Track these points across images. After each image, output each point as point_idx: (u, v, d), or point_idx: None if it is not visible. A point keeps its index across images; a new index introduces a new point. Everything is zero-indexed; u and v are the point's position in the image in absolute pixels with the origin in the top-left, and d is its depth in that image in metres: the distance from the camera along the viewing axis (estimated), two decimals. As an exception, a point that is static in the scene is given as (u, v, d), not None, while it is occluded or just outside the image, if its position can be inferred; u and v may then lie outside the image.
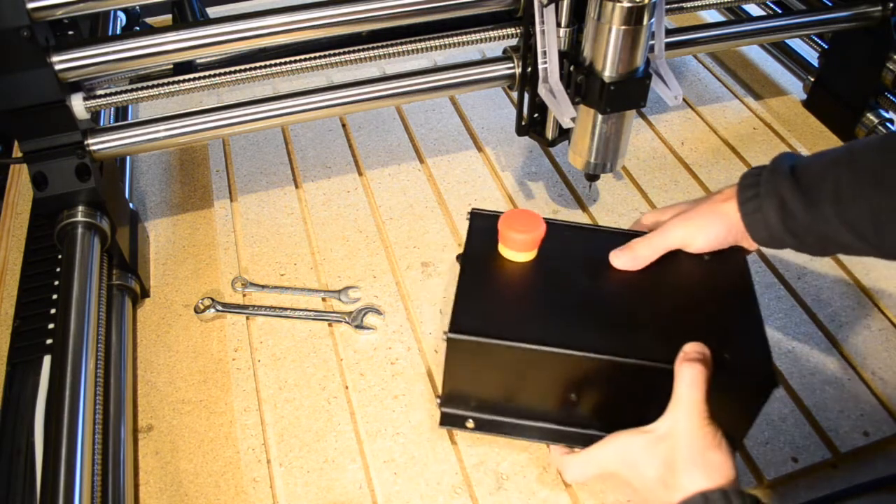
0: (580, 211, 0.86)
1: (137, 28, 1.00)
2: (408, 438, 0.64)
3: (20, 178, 0.93)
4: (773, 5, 1.03)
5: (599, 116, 0.68)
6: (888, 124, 0.93)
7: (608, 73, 0.65)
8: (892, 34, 0.88)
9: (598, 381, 0.56)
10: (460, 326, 0.55)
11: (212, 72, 0.72)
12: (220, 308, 0.75)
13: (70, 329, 0.61)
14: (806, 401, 0.67)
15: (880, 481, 0.62)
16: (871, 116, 0.94)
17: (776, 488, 0.62)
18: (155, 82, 0.71)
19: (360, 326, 0.73)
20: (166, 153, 0.98)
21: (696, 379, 0.49)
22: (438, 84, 0.77)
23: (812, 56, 1.04)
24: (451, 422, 0.61)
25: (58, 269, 0.73)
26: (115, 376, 0.67)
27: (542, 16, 0.67)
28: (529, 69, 0.75)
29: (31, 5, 0.61)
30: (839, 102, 0.97)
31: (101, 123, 0.83)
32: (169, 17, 1.03)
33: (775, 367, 0.68)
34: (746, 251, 0.60)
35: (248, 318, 0.74)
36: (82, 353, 0.60)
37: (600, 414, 0.58)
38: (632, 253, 0.59)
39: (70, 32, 0.85)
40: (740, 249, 0.60)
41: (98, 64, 0.66)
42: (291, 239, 0.83)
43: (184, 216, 0.89)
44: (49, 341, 0.67)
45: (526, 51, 0.74)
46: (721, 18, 1.15)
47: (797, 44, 1.08)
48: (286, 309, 0.75)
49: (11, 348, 0.68)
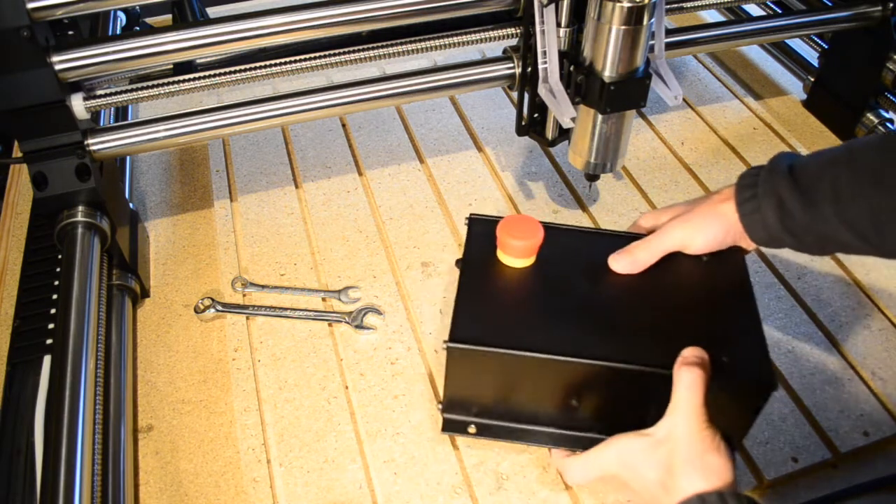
0: (580, 211, 0.86)
1: (137, 28, 1.00)
2: (408, 438, 0.64)
3: (20, 178, 0.93)
4: (773, 5, 1.03)
5: (599, 116, 0.68)
6: (888, 124, 0.93)
7: (608, 73, 0.65)
8: (892, 34, 0.88)
9: (598, 386, 0.56)
10: (460, 335, 0.55)
11: (212, 72, 0.72)
12: (220, 308, 0.75)
13: (70, 329, 0.61)
14: (806, 401, 0.67)
15: (880, 481, 0.62)
16: (871, 116, 0.94)
17: (776, 488, 0.62)
18: (155, 82, 0.71)
19: (360, 326, 0.73)
20: (166, 153, 0.98)
21: (695, 383, 0.49)
22: (438, 84, 0.77)
23: (812, 56, 1.04)
24: (453, 427, 0.61)
25: (58, 269, 0.73)
26: (115, 376, 0.67)
27: (542, 16, 0.67)
28: (529, 69, 0.75)
29: (31, 5, 0.61)
30: (839, 102, 0.97)
31: (101, 123, 0.83)
32: (169, 17, 1.03)
33: (775, 368, 0.69)
34: (745, 251, 0.60)
35: (248, 318, 0.74)
36: (82, 353, 0.60)
37: (601, 418, 0.58)
38: (630, 257, 0.59)
39: (70, 32, 0.85)
40: (739, 250, 0.60)
41: (98, 64, 0.66)
42: (291, 239, 0.83)
43: (184, 216, 0.89)
44: (49, 341, 0.67)
45: (526, 51, 0.74)
46: (721, 18, 1.15)
47: (797, 44, 1.08)
48: (286, 309, 0.75)
49: (11, 348, 0.68)
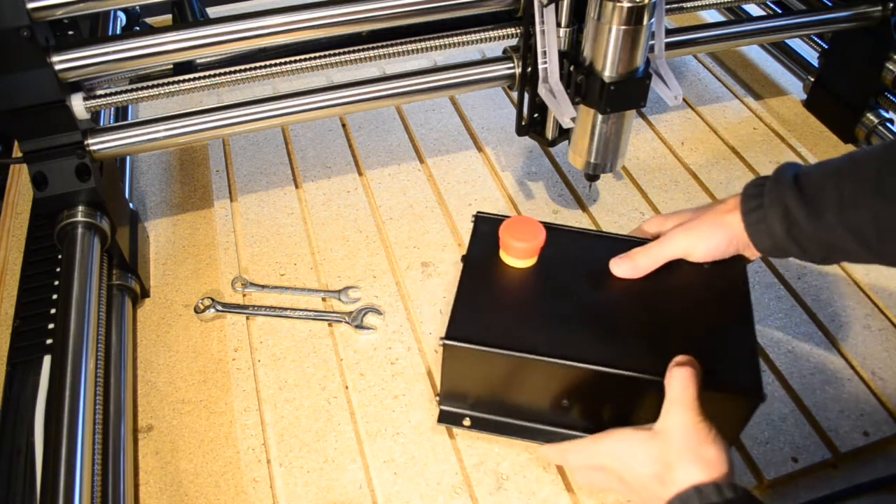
0: (580, 211, 0.86)
1: (137, 28, 1.00)
2: (408, 438, 0.64)
3: (20, 178, 0.93)
4: (773, 5, 1.03)
5: (599, 116, 0.68)
6: (888, 124, 0.93)
7: (608, 73, 0.65)
8: (892, 34, 0.88)
9: (591, 388, 0.57)
10: (456, 333, 0.56)
11: (212, 72, 0.72)
12: (220, 308, 0.75)
13: (70, 329, 0.61)
14: (806, 401, 0.67)
15: (880, 481, 0.62)
16: (871, 116, 0.94)
17: (776, 488, 0.62)
18: (155, 82, 0.71)
19: (360, 326, 0.73)
20: (166, 153, 0.98)
21: (688, 380, 0.50)
22: (438, 84, 0.77)
23: (812, 56, 1.04)
24: (448, 419, 0.63)
25: (58, 269, 0.73)
26: (115, 376, 0.67)
27: (542, 16, 0.67)
28: (529, 69, 0.75)
29: (31, 5, 0.61)
30: (839, 102, 0.97)
31: (101, 123, 0.83)
32: (169, 17, 1.03)
33: (775, 369, 0.69)
34: (747, 260, 0.60)
35: (248, 318, 0.74)
36: (82, 353, 0.60)
37: (592, 418, 0.59)
38: (632, 262, 0.59)
39: (70, 32, 0.85)
40: (740, 259, 0.60)
41: (98, 64, 0.66)
42: (291, 239, 0.83)
43: (184, 216, 0.89)
44: (49, 341, 0.67)
45: (526, 51, 0.74)
46: (721, 18, 1.15)
47: (797, 44, 1.08)
48: (286, 309, 0.75)
49: (11, 348, 0.68)
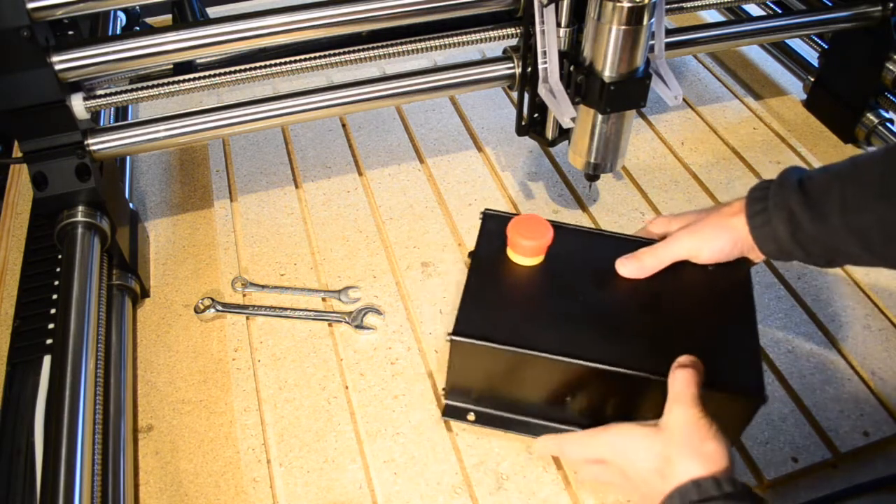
0: (580, 211, 0.86)
1: (137, 28, 1.00)
2: (408, 438, 0.64)
3: (20, 178, 0.93)
4: (773, 5, 1.03)
5: (599, 116, 0.68)
6: (888, 124, 0.93)
7: (608, 73, 0.65)
8: (892, 34, 0.88)
9: (595, 386, 0.57)
10: (463, 329, 0.57)
11: (212, 72, 0.72)
12: (220, 308, 0.75)
13: (70, 329, 0.61)
14: (806, 401, 0.67)
15: (880, 481, 0.62)
16: (871, 116, 0.94)
17: (776, 488, 0.62)
18: (155, 82, 0.71)
19: (360, 326, 0.73)
20: (166, 153, 0.98)
21: (690, 379, 0.51)
22: (438, 84, 0.77)
23: (812, 56, 1.04)
24: (453, 413, 0.64)
25: (58, 269, 0.73)
26: (115, 376, 0.67)
27: (542, 16, 0.67)
28: (529, 69, 0.75)
29: (31, 5, 0.61)
30: (839, 102, 0.97)
31: (101, 123, 0.83)
32: (169, 17, 1.03)
33: (775, 369, 0.69)
34: (751, 263, 0.61)
35: (248, 318, 0.74)
36: (82, 353, 0.60)
37: (596, 414, 0.59)
38: (638, 262, 0.60)
39: (70, 32, 0.85)
40: (745, 261, 0.60)
41: (98, 64, 0.66)
42: (291, 239, 0.83)
43: (184, 216, 0.89)
44: (49, 341, 0.67)
45: (526, 51, 0.74)
46: (721, 18, 1.15)
47: (797, 44, 1.08)
48: (286, 309, 0.75)
49: (11, 348, 0.68)
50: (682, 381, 0.51)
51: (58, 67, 0.64)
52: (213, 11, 1.02)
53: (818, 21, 0.89)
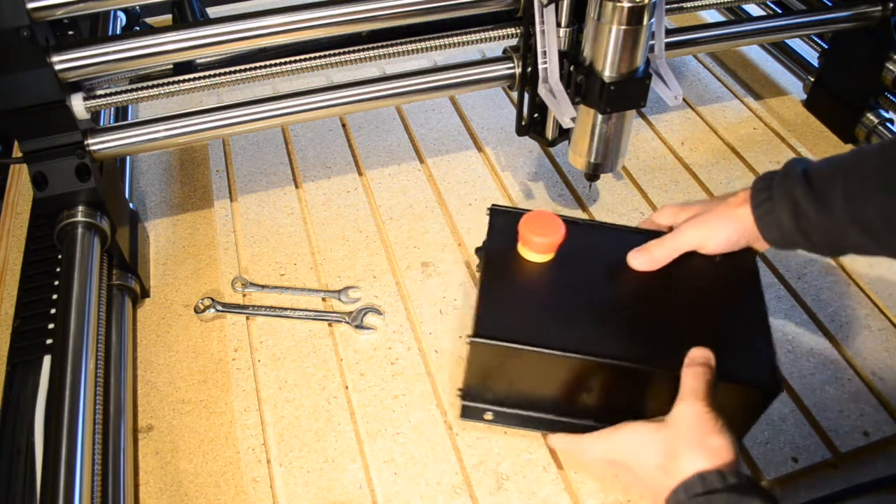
0: (580, 211, 0.86)
1: (137, 28, 1.00)
2: (408, 438, 0.64)
3: (20, 178, 0.93)
4: (773, 5, 1.03)
5: (599, 116, 0.68)
6: (888, 124, 0.93)
7: (608, 73, 0.65)
8: (892, 34, 0.88)
9: (613, 381, 0.57)
10: (484, 331, 0.56)
11: (212, 72, 0.72)
12: (220, 308, 0.75)
13: (70, 329, 0.61)
14: (806, 401, 0.67)
15: (880, 481, 0.62)
16: (871, 116, 0.94)
17: (776, 488, 0.62)
18: (155, 82, 0.71)
19: (360, 326, 0.73)
20: (166, 153, 0.98)
21: (700, 375, 0.51)
22: (438, 84, 0.77)
23: (812, 56, 1.04)
24: (471, 414, 0.63)
25: (58, 269, 0.73)
26: (115, 376, 0.67)
27: (542, 16, 0.67)
28: (529, 69, 0.75)
29: (31, 5, 0.61)
30: (839, 102, 0.97)
31: (101, 123, 0.83)
32: (169, 17, 1.03)
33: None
34: (756, 252, 0.61)
35: (248, 318, 0.74)
36: (82, 353, 0.60)
37: (614, 409, 0.59)
38: (648, 255, 0.60)
39: (70, 32, 0.85)
40: (750, 251, 0.61)
41: (98, 64, 0.66)
42: (291, 239, 0.83)
43: (184, 216, 0.89)
44: (49, 341, 0.67)
45: (526, 51, 0.74)
46: (721, 18, 1.15)
47: (797, 44, 1.08)
48: (286, 309, 0.75)
49: (11, 348, 0.68)
50: (692, 376, 0.52)
51: (58, 67, 0.64)
52: (213, 11, 1.02)
53: (818, 21, 0.89)
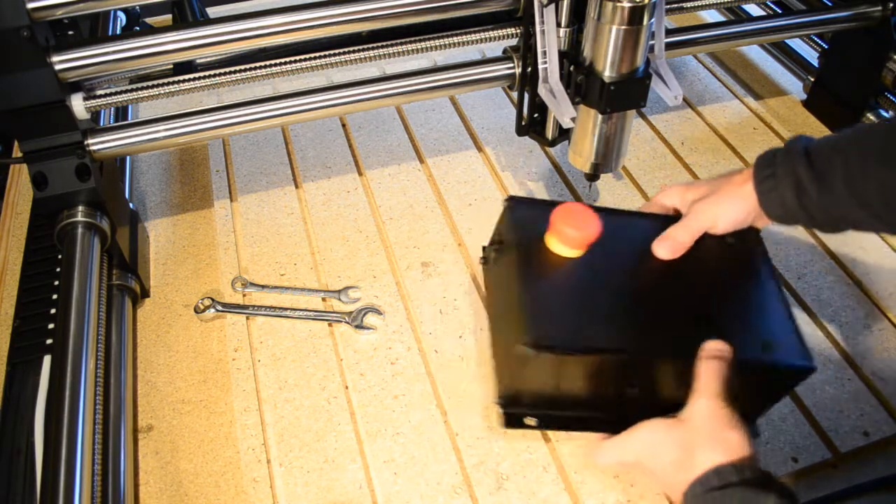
0: (580, 211, 0.86)
1: (137, 28, 1.00)
2: (408, 438, 0.64)
3: (20, 178, 0.93)
4: (773, 5, 1.03)
5: (599, 116, 0.68)
6: (888, 124, 0.93)
7: (608, 73, 0.65)
8: (892, 34, 0.88)
9: (661, 375, 0.57)
10: (540, 341, 0.53)
11: (212, 72, 0.72)
12: (220, 308, 0.75)
13: (70, 329, 0.61)
14: (806, 401, 0.67)
15: (880, 481, 0.62)
16: (870, 116, 0.94)
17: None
18: (155, 82, 0.71)
19: (360, 326, 0.73)
20: (166, 153, 0.98)
21: (715, 370, 0.52)
22: (438, 84, 0.77)
23: (812, 56, 1.04)
24: (513, 422, 0.60)
25: (58, 269, 0.73)
26: (115, 376, 0.67)
27: (542, 16, 0.67)
28: (529, 69, 0.75)
29: (31, 5, 0.61)
30: (839, 102, 0.97)
31: (101, 123, 0.83)
32: (169, 17, 1.03)
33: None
34: (757, 230, 0.62)
35: (248, 318, 0.74)
36: (82, 353, 0.60)
37: (655, 404, 0.58)
38: (673, 242, 0.60)
39: (70, 32, 0.85)
40: (753, 230, 0.61)
41: (98, 64, 0.66)
42: (291, 239, 0.83)
43: (184, 216, 0.89)
44: (49, 341, 0.67)
45: (526, 51, 0.74)
46: (721, 18, 1.15)
47: (797, 44, 1.08)
48: (286, 309, 0.75)
49: (11, 348, 0.68)
50: (707, 373, 0.52)
51: (58, 67, 0.64)
52: (213, 11, 1.02)
53: (818, 21, 0.89)
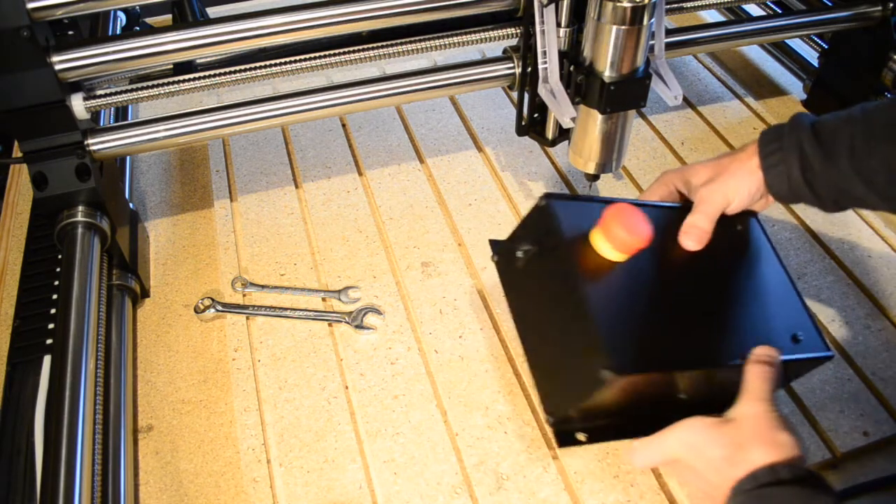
0: (580, 211, 0.86)
1: (137, 28, 1.00)
2: (408, 438, 0.64)
3: (20, 178, 0.93)
4: (773, 5, 1.03)
5: (600, 116, 0.68)
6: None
7: (608, 73, 0.65)
8: (892, 34, 0.88)
9: (707, 380, 0.57)
10: (626, 365, 0.50)
11: (212, 72, 0.72)
12: (220, 308, 0.75)
13: (70, 329, 0.61)
14: (806, 401, 0.67)
15: (880, 481, 0.62)
16: (871, 116, 0.94)
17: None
18: (155, 82, 0.71)
19: (360, 326, 0.73)
20: (166, 153, 0.98)
21: (766, 375, 0.52)
22: (438, 84, 0.77)
23: (812, 56, 1.04)
24: (566, 441, 0.56)
25: (58, 269, 0.73)
26: (115, 376, 0.67)
27: (542, 16, 0.67)
28: (529, 69, 0.75)
29: (31, 5, 0.61)
30: (839, 102, 0.97)
31: (101, 123, 0.83)
32: (169, 17, 1.03)
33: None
34: (753, 213, 0.62)
35: (248, 318, 0.74)
36: (82, 353, 0.60)
37: (699, 405, 0.56)
38: (698, 231, 0.59)
39: (70, 32, 0.85)
40: (749, 213, 0.61)
41: (98, 64, 0.66)
42: (291, 239, 0.83)
43: (184, 216, 0.89)
44: (49, 341, 0.68)
45: (526, 51, 0.74)
46: (721, 18, 1.15)
47: (797, 44, 1.08)
48: (286, 309, 0.75)
49: (11, 348, 0.68)
50: (757, 378, 0.52)
51: (58, 67, 0.64)
52: (213, 11, 1.02)
53: (818, 21, 0.89)
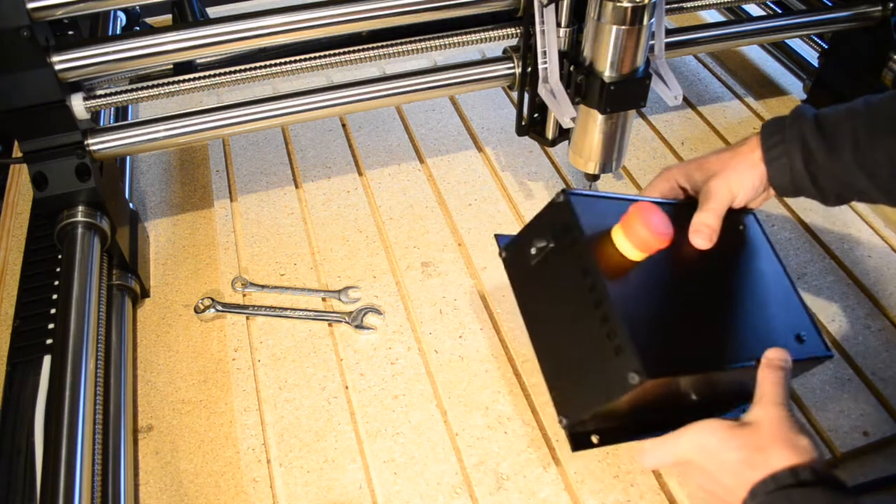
0: (580, 211, 0.86)
1: (137, 28, 1.00)
2: (408, 438, 0.64)
3: (20, 178, 0.93)
4: (773, 5, 1.03)
5: (600, 116, 0.68)
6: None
7: (608, 73, 0.65)
8: (892, 34, 0.88)
9: (719, 380, 0.56)
10: (654, 370, 0.48)
11: (212, 72, 0.72)
12: (220, 308, 0.75)
13: (70, 329, 0.61)
14: (806, 401, 0.67)
15: (880, 481, 0.62)
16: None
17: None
18: (155, 82, 0.71)
19: (360, 326, 0.73)
20: (166, 153, 0.98)
21: (781, 379, 0.52)
22: (438, 84, 0.77)
23: (812, 56, 1.04)
24: (581, 444, 0.56)
25: (58, 269, 0.73)
26: (115, 376, 0.67)
27: (542, 16, 0.67)
28: (529, 69, 0.75)
29: (31, 5, 0.61)
30: (839, 102, 0.97)
31: (101, 123, 0.83)
32: (169, 17, 1.03)
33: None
34: (749, 210, 0.62)
35: (248, 318, 0.74)
36: (82, 353, 0.60)
37: (709, 404, 0.57)
38: (707, 229, 0.58)
39: (70, 32, 0.85)
40: (745, 210, 0.61)
41: (98, 64, 0.66)
42: (291, 239, 0.83)
43: (184, 216, 0.89)
44: (49, 341, 0.68)
45: (526, 51, 0.74)
46: (721, 18, 1.15)
47: (797, 44, 1.08)
48: (286, 309, 0.75)
49: (11, 348, 0.68)
50: (773, 381, 0.51)
51: (58, 67, 0.64)
52: (213, 11, 1.02)
53: (818, 21, 0.89)
